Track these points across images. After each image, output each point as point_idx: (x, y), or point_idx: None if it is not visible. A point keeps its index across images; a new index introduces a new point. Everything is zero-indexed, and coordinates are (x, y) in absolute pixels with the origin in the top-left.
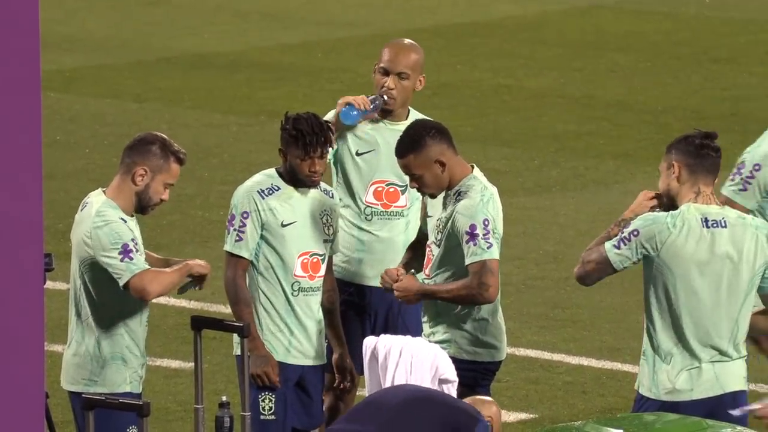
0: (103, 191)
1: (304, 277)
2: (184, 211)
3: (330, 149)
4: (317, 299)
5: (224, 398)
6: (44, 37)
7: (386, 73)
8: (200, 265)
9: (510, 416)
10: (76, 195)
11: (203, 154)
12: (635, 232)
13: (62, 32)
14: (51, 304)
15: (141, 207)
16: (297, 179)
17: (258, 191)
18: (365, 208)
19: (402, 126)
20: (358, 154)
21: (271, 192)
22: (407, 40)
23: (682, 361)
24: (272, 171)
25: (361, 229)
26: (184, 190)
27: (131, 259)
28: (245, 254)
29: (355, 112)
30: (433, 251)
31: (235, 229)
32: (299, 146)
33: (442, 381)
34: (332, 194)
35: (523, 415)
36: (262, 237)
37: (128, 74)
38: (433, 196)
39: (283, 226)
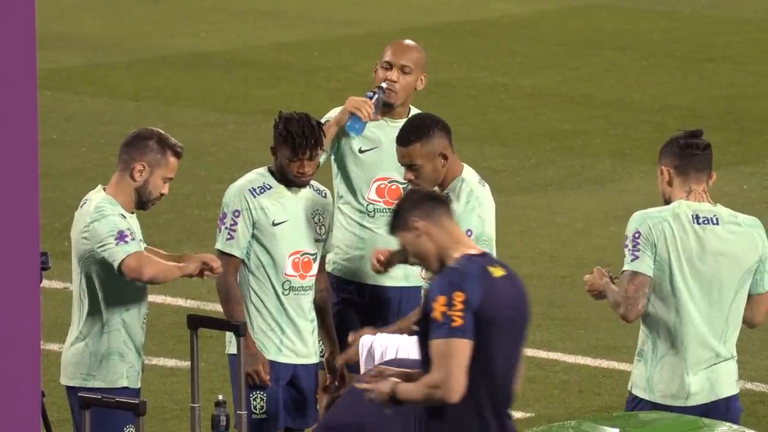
0: (103, 188)
1: (295, 276)
2: (180, 210)
3: (320, 151)
4: (309, 298)
5: (220, 397)
6: (40, 35)
7: (389, 66)
8: (188, 268)
9: None
10: (73, 194)
11: (199, 153)
12: (636, 234)
13: (58, 30)
14: (47, 303)
15: (141, 202)
16: (288, 178)
17: (249, 190)
18: (367, 205)
19: (403, 122)
20: (360, 152)
21: (262, 191)
22: (409, 41)
23: (678, 365)
24: (264, 170)
25: (362, 226)
26: (181, 188)
27: (126, 243)
28: (236, 253)
29: (358, 125)
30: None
31: (226, 228)
32: (288, 147)
33: None
34: (325, 194)
35: (519, 414)
36: (253, 236)
37: (125, 73)
38: None
39: (274, 225)
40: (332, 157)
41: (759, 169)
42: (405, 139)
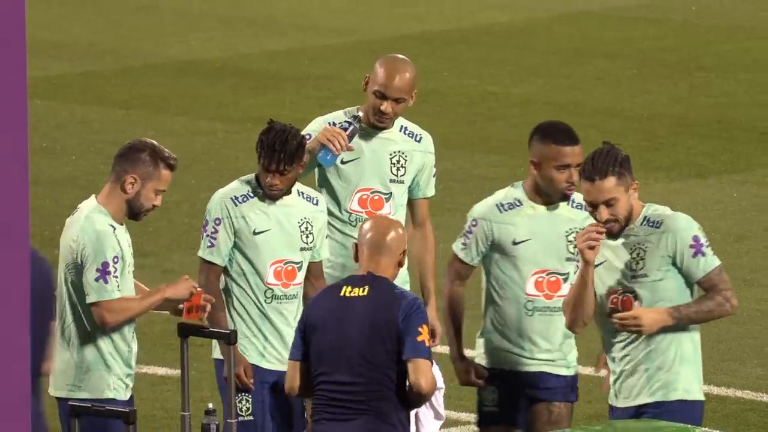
0: (96, 197)
1: (278, 285)
2: (170, 218)
3: (293, 168)
4: (294, 306)
5: (210, 405)
6: (31, 43)
7: (382, 96)
8: (176, 287)
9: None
10: (63, 202)
11: (190, 161)
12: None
13: (49, 39)
14: None
15: (132, 214)
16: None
17: (232, 198)
18: (349, 216)
19: (387, 133)
20: (342, 163)
21: (245, 199)
22: (400, 57)
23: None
24: (251, 177)
25: (344, 234)
26: (171, 197)
27: (106, 282)
28: (217, 261)
29: (330, 157)
30: (564, 270)
31: (207, 236)
32: (259, 157)
33: None
34: (316, 201)
35: None
36: (234, 244)
37: (115, 81)
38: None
39: (255, 234)
40: (315, 168)
41: (749, 177)
42: (574, 140)
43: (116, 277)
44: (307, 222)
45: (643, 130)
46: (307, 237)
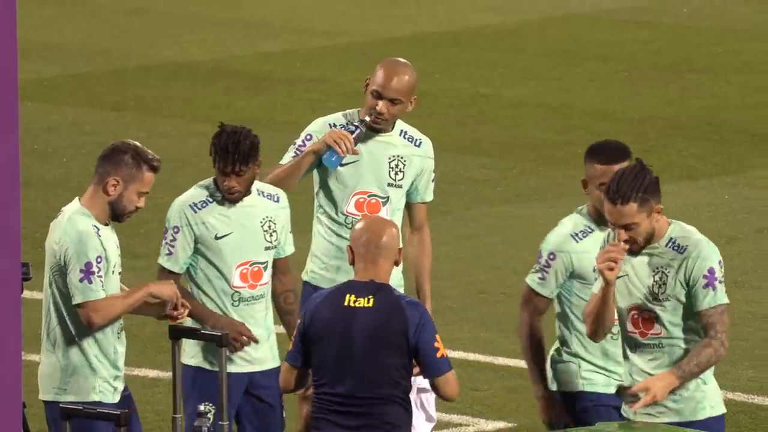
0: (79, 199)
1: (244, 287)
2: (162, 220)
3: (249, 169)
4: (262, 306)
5: (202, 407)
6: (22, 45)
7: (379, 96)
8: (161, 286)
9: (488, 425)
10: (54, 204)
11: (182, 163)
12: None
13: (40, 41)
14: (28, 314)
15: (115, 216)
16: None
17: (191, 205)
18: (345, 218)
19: (386, 137)
20: (341, 165)
21: (204, 205)
22: (402, 61)
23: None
24: (209, 181)
25: (340, 236)
26: (162, 198)
27: (90, 282)
28: (175, 269)
29: (335, 158)
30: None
31: (166, 243)
32: (213, 160)
33: (420, 390)
34: (277, 198)
35: (501, 424)
36: (197, 250)
37: (106, 83)
38: None
39: (217, 238)
40: (314, 169)
41: (740, 179)
42: (625, 155)
43: (100, 277)
44: (270, 221)
45: (634, 132)
46: (270, 236)
